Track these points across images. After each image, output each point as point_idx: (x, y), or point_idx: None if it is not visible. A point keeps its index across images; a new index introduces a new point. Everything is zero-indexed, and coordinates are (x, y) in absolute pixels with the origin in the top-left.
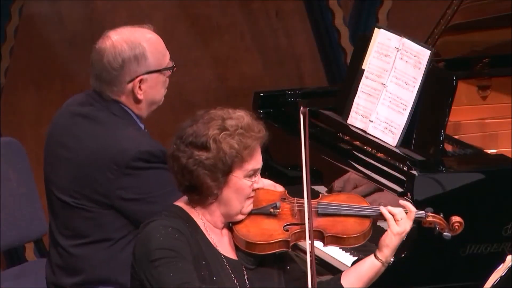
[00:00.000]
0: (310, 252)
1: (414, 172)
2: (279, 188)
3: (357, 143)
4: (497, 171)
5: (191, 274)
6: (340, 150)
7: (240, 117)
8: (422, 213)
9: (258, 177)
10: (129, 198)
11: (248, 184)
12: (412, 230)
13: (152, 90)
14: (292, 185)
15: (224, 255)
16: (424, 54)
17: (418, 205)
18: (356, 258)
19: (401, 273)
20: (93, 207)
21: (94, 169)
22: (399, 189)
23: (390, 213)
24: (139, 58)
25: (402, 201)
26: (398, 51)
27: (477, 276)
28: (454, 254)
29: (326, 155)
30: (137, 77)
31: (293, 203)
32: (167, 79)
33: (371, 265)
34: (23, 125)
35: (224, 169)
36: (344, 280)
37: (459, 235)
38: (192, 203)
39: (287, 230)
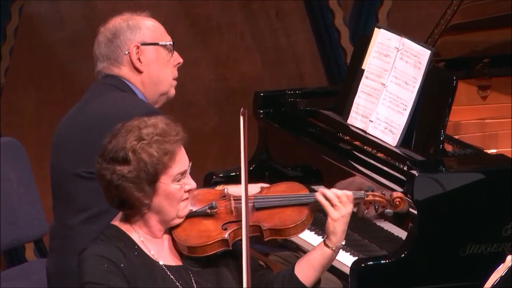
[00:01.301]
0: (245, 248)
1: (414, 172)
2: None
3: (357, 143)
4: (497, 171)
5: None
6: (340, 150)
7: (155, 123)
8: (361, 193)
9: (187, 178)
10: None
11: (177, 188)
12: (412, 230)
13: (153, 64)
14: None
15: (165, 265)
16: (424, 54)
17: (418, 205)
18: (356, 258)
19: (401, 273)
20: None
21: (102, 135)
22: (399, 189)
23: (326, 198)
24: (133, 28)
25: (335, 190)
26: (398, 51)
27: (477, 276)
28: (454, 254)
29: (326, 155)
30: (132, 45)
31: (230, 200)
32: (175, 68)
33: (322, 253)
34: (23, 125)
35: (148, 179)
36: (297, 270)
37: (459, 235)
38: (127, 218)
39: (225, 229)
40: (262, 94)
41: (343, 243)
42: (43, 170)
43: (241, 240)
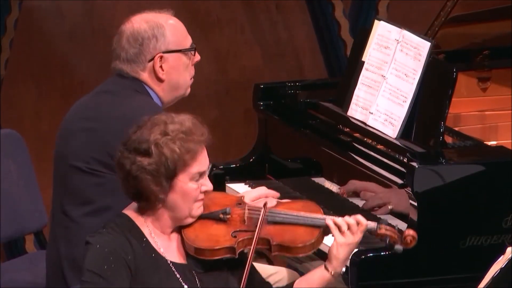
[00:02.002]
0: (249, 260)
1: (414, 164)
2: (272, 193)
3: (357, 135)
4: (497, 163)
5: None
6: (340, 142)
7: (182, 121)
8: (374, 224)
9: (205, 179)
10: None
11: (194, 187)
12: (412, 222)
13: (174, 71)
14: (292, 177)
15: (171, 262)
16: (424, 46)
17: (418, 197)
18: (356, 249)
19: (401, 264)
20: (105, 172)
21: (111, 133)
22: (399, 181)
23: (335, 224)
24: (158, 36)
25: (356, 216)
26: (398, 43)
27: (477, 268)
28: (454, 246)
29: (326, 147)
30: (156, 54)
31: (245, 210)
32: (192, 67)
33: (320, 276)
34: (22, 119)
35: (167, 174)
36: None
37: (459, 227)
38: (140, 210)
39: (234, 237)
40: (262, 86)
41: (343, 270)
42: (43, 162)
43: (248, 250)
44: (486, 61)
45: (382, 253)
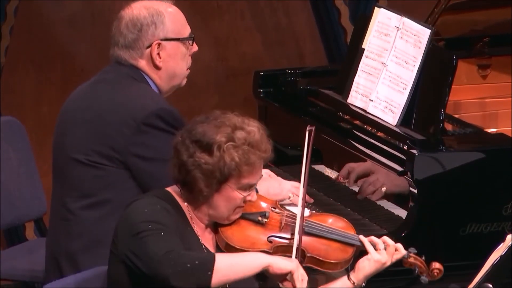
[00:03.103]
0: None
1: (414, 151)
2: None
3: (357, 122)
4: (497, 150)
5: (178, 244)
6: (340, 129)
7: (252, 131)
8: (404, 252)
9: (252, 191)
10: (141, 156)
11: (240, 196)
12: (412, 210)
13: (172, 59)
14: (291, 165)
15: (204, 245)
16: (424, 33)
17: (418, 184)
18: None
19: None
20: (105, 164)
21: (112, 125)
22: (399, 168)
23: (371, 242)
24: (157, 23)
25: (385, 238)
26: (398, 30)
27: (477, 255)
28: (454, 234)
29: (326, 134)
30: (155, 41)
31: (283, 215)
32: (189, 57)
33: (342, 285)
34: (23, 105)
35: (220, 178)
36: None
37: (459, 215)
38: (183, 194)
39: (270, 242)
40: (262, 74)
41: (363, 285)
42: (43, 149)
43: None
44: (486, 48)
45: None
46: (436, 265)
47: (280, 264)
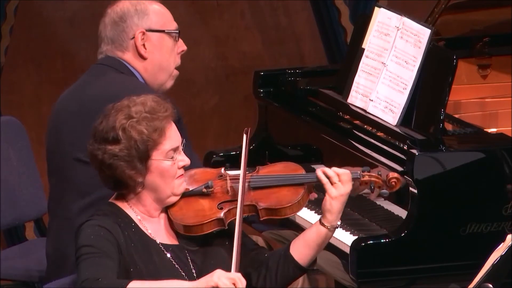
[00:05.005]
0: (238, 228)
1: (414, 151)
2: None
3: (357, 122)
4: (497, 150)
5: (107, 270)
6: (340, 129)
7: (144, 101)
8: (357, 173)
9: (180, 154)
10: None
11: (170, 164)
12: (412, 209)
13: (157, 51)
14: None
15: (162, 243)
16: (424, 33)
17: (419, 184)
18: (356, 237)
19: (401, 252)
20: None
21: (96, 116)
22: (399, 168)
23: (326, 175)
24: (140, 14)
25: (335, 168)
26: (398, 30)
27: (477, 255)
28: (454, 233)
29: (326, 134)
30: (138, 30)
31: (226, 180)
32: (178, 56)
33: (317, 232)
34: (23, 105)
35: (140, 156)
36: (293, 249)
37: (459, 214)
38: (124, 197)
39: (221, 208)
40: (262, 73)
41: (339, 223)
42: (43, 149)
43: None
44: (487, 48)
45: (382, 241)
46: (393, 174)
47: (200, 285)
